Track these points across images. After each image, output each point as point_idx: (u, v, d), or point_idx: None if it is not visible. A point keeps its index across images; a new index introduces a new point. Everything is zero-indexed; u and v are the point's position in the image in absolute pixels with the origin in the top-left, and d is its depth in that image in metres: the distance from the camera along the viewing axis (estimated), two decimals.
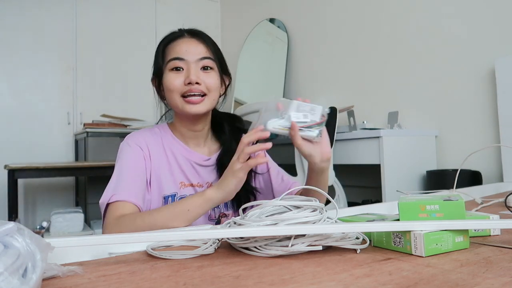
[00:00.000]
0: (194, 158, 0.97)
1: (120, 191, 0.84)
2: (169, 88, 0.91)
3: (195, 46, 0.93)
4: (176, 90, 0.90)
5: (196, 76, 0.89)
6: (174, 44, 0.94)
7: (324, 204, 0.59)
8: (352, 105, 2.33)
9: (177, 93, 0.91)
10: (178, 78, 0.90)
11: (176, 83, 0.90)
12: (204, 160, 0.98)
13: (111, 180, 0.87)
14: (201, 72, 0.92)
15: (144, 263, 0.51)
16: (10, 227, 0.38)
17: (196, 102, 0.90)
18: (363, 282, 0.42)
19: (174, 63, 0.91)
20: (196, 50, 0.92)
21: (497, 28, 1.92)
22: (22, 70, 3.15)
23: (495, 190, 1.34)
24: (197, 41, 0.94)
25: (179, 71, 0.91)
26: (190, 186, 0.96)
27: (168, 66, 0.92)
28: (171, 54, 0.93)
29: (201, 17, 3.91)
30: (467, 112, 2.04)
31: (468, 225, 0.54)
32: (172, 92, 0.91)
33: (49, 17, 3.25)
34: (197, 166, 0.97)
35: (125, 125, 3.22)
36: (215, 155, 1.00)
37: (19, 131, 3.10)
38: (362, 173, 2.23)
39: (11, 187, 2.20)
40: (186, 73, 0.90)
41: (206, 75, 0.92)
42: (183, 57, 0.91)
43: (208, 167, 0.98)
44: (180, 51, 0.92)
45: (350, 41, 2.71)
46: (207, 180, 0.97)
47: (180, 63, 0.91)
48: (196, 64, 0.91)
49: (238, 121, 1.06)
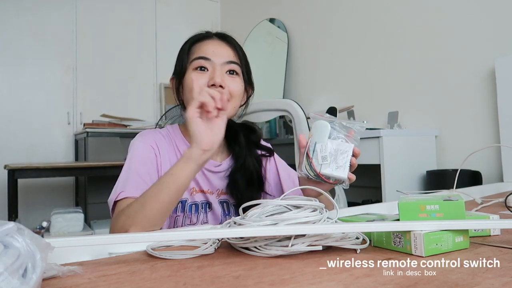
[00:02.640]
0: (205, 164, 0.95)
1: (128, 188, 0.80)
2: (190, 87, 0.86)
3: (223, 49, 0.90)
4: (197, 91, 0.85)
5: (221, 78, 0.85)
6: (201, 44, 0.90)
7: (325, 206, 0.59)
8: (352, 105, 2.33)
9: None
10: (202, 79, 0.86)
11: (199, 82, 0.85)
12: (215, 166, 0.94)
13: (120, 177, 0.84)
14: (226, 75, 0.88)
15: (144, 263, 0.51)
16: (10, 227, 0.38)
17: None
18: (363, 282, 0.42)
19: (199, 62, 0.87)
20: (223, 52, 0.89)
21: (497, 28, 1.92)
22: (22, 70, 3.15)
23: (495, 190, 1.34)
24: (226, 44, 0.91)
25: (203, 71, 0.87)
26: (200, 192, 0.92)
27: (192, 64, 0.87)
28: (196, 53, 0.88)
29: (201, 17, 3.91)
30: (467, 112, 2.04)
31: (468, 225, 0.54)
32: (193, 93, 0.85)
33: (49, 17, 3.25)
34: (207, 172, 0.93)
35: (125, 125, 3.22)
36: (226, 161, 0.96)
37: (19, 131, 3.09)
38: (362, 173, 2.23)
39: (11, 187, 2.20)
40: (211, 74, 0.86)
41: (231, 79, 0.88)
42: (209, 57, 0.86)
43: (219, 173, 0.94)
44: (207, 51, 0.88)
45: (350, 41, 2.71)
46: (217, 187, 0.94)
47: (205, 63, 0.86)
48: (222, 67, 0.87)
49: (253, 134, 1.01)
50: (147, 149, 0.88)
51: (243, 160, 0.95)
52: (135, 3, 3.66)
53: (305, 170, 0.72)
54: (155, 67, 3.66)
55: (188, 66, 0.89)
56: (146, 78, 3.64)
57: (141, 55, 3.63)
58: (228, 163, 0.96)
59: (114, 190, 0.82)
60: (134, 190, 0.80)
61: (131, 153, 0.88)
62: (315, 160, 0.70)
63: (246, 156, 0.96)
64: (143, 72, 3.63)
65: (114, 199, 0.80)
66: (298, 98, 2.91)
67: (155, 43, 3.70)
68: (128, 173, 0.84)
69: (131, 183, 0.82)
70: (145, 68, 3.64)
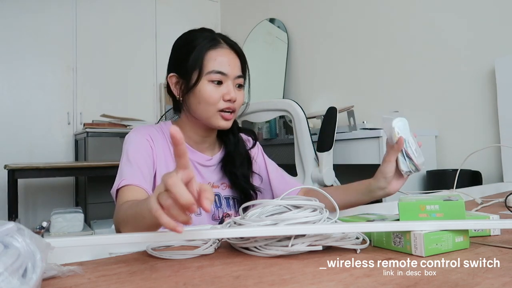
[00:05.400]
0: (196, 159, 0.96)
1: (128, 176, 0.83)
2: (207, 100, 0.89)
3: (235, 62, 0.92)
4: (214, 104, 0.89)
5: (235, 94, 0.90)
6: (215, 53, 0.90)
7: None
8: (352, 105, 2.33)
9: (214, 106, 0.89)
10: (218, 92, 0.89)
11: (216, 96, 0.89)
12: (206, 160, 0.98)
13: (120, 169, 0.86)
14: (236, 89, 0.92)
15: (144, 263, 0.51)
16: (10, 227, 0.38)
17: (229, 119, 0.91)
18: (363, 282, 0.42)
19: (216, 76, 0.89)
20: (235, 65, 0.92)
21: (497, 28, 1.92)
22: (22, 70, 3.15)
23: (495, 190, 1.34)
24: (236, 56, 0.93)
25: (220, 85, 0.90)
26: None
27: (209, 77, 0.89)
28: (213, 65, 0.89)
29: (201, 17, 3.91)
30: (467, 112, 2.03)
31: (468, 225, 0.54)
32: (209, 105, 0.89)
33: (49, 17, 3.25)
34: (199, 166, 0.97)
35: (125, 125, 3.22)
36: (217, 155, 1.00)
37: (19, 131, 3.09)
38: (362, 173, 2.23)
39: (11, 187, 2.20)
40: (226, 89, 0.89)
41: (239, 93, 0.92)
42: (226, 73, 0.89)
43: (210, 167, 0.98)
44: (223, 64, 0.90)
45: (350, 41, 2.71)
46: (209, 180, 0.97)
47: (222, 77, 0.89)
48: (234, 81, 0.91)
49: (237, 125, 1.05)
50: (143, 142, 0.91)
51: (232, 146, 1.00)
52: (135, 3, 3.66)
53: (408, 168, 0.76)
54: (155, 67, 3.66)
55: (202, 75, 0.89)
56: (146, 78, 3.65)
57: (141, 55, 3.63)
58: (218, 158, 1.00)
59: (115, 181, 0.84)
60: (133, 178, 0.83)
61: (127, 146, 0.90)
62: (412, 155, 0.75)
63: (235, 143, 1.01)
64: (143, 72, 3.63)
65: (116, 188, 0.82)
66: (298, 98, 2.91)
67: (155, 43, 3.70)
68: (126, 164, 0.86)
69: (130, 172, 0.84)
70: (145, 68, 3.64)
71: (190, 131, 0.96)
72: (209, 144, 1.00)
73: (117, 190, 0.82)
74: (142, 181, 0.83)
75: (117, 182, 0.83)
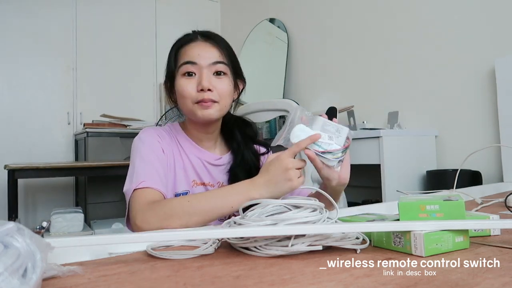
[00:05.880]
0: (206, 157, 0.97)
1: (148, 179, 0.82)
2: (181, 94, 0.89)
3: (208, 50, 0.91)
4: (189, 97, 0.88)
5: (208, 82, 0.87)
6: (187, 48, 0.92)
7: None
8: (352, 105, 2.33)
9: (189, 99, 0.89)
10: (191, 84, 0.88)
11: (189, 89, 0.88)
12: (216, 160, 0.98)
13: (135, 167, 0.85)
14: (214, 77, 0.89)
15: (144, 263, 0.51)
16: (10, 227, 0.38)
17: (208, 107, 0.88)
18: (363, 282, 0.42)
19: (186, 68, 0.89)
20: (208, 54, 0.90)
21: (496, 28, 1.92)
22: (22, 70, 3.15)
23: (495, 190, 1.34)
24: (211, 45, 0.92)
25: (191, 77, 0.89)
26: (201, 185, 0.95)
27: (180, 70, 0.90)
28: (183, 58, 0.90)
29: (201, 17, 3.91)
30: (467, 112, 2.03)
31: (468, 225, 0.54)
32: (185, 99, 0.89)
33: (49, 17, 3.25)
34: (208, 165, 0.97)
35: (125, 125, 3.22)
36: (226, 156, 1.00)
37: (19, 131, 3.09)
38: (362, 173, 2.23)
39: (11, 187, 2.20)
40: (198, 79, 0.88)
41: (218, 80, 0.90)
42: (195, 61, 0.88)
43: (219, 166, 0.98)
44: (193, 55, 0.89)
45: (350, 41, 2.71)
46: (218, 179, 0.97)
47: (192, 67, 0.89)
48: (209, 69, 0.89)
49: (249, 128, 1.04)
50: (155, 143, 0.91)
51: (241, 155, 0.99)
52: (135, 3, 3.66)
53: (334, 160, 0.73)
54: (155, 67, 3.66)
55: (176, 72, 0.91)
56: (146, 78, 3.64)
57: (141, 55, 3.63)
58: (228, 158, 1.00)
59: (130, 180, 0.83)
60: (152, 182, 0.82)
61: (140, 145, 0.90)
62: (328, 148, 0.73)
63: (244, 151, 0.99)
64: (143, 72, 3.63)
65: (134, 187, 0.81)
66: (298, 98, 2.91)
67: (155, 43, 3.70)
68: (143, 163, 0.86)
69: (150, 175, 0.83)
70: (145, 68, 3.64)
71: (192, 130, 0.97)
72: (214, 141, 1.00)
73: (134, 189, 0.81)
74: (159, 183, 0.83)
75: (134, 182, 0.82)
